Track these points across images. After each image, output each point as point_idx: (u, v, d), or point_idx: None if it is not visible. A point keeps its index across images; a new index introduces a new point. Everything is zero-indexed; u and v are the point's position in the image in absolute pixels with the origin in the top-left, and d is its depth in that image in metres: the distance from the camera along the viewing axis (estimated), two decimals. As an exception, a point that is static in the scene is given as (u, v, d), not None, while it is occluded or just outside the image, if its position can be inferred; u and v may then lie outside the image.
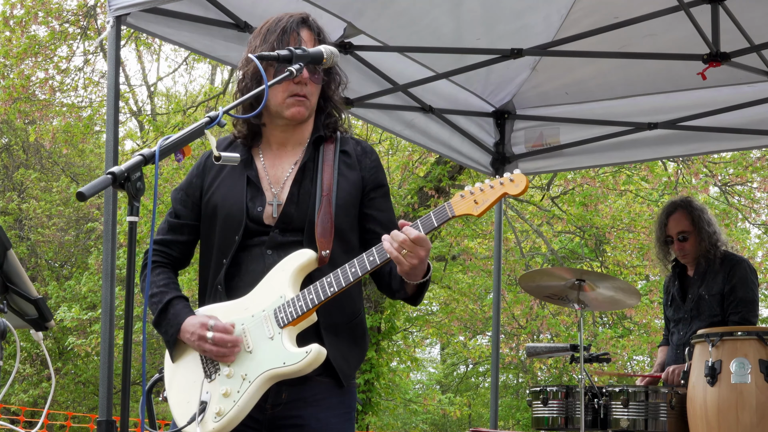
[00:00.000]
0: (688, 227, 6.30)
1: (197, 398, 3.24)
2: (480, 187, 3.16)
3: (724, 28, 5.77)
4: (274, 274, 3.25)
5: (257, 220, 3.31)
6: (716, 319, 6.13)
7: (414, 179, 15.54)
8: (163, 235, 3.48)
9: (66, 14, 14.62)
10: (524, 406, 24.29)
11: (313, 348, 3.14)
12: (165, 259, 3.46)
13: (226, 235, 3.33)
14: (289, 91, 3.28)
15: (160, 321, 3.33)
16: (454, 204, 3.16)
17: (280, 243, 3.28)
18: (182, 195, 3.48)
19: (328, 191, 3.30)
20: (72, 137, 15.59)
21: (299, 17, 3.34)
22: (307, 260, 3.23)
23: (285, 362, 3.15)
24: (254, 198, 3.33)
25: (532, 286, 6.55)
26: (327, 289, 3.17)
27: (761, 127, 7.12)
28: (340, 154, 3.39)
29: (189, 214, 3.46)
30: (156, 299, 3.34)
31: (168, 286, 3.38)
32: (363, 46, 6.47)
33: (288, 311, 3.18)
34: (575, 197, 16.42)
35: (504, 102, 7.74)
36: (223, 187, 3.38)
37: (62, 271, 23.64)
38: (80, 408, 22.60)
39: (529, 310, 17.09)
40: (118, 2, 5.20)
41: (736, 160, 15.53)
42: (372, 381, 15.42)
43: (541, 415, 6.07)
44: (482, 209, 3.14)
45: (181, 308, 3.31)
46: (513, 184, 3.13)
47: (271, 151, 3.41)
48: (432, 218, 3.14)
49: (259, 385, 3.17)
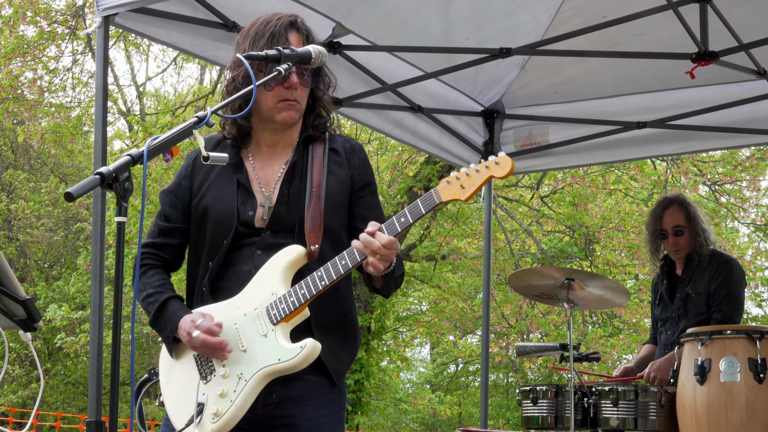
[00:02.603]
0: (683, 222, 6.31)
1: (194, 400, 3.23)
2: (465, 172, 3.13)
3: (713, 27, 5.78)
4: (265, 272, 3.24)
5: (248, 224, 3.31)
6: (703, 318, 6.14)
7: (403, 179, 15.55)
8: (153, 238, 3.46)
9: (54, 14, 14.59)
10: (514, 405, 24.30)
11: (307, 342, 3.14)
12: (157, 261, 3.45)
13: (215, 239, 3.32)
14: (280, 96, 3.28)
15: (156, 320, 3.33)
16: (440, 190, 3.14)
17: (271, 244, 3.28)
18: (171, 198, 3.46)
19: (317, 188, 3.30)
20: (61, 137, 15.55)
21: (287, 20, 3.32)
22: (296, 256, 3.23)
23: (280, 358, 3.14)
24: (245, 202, 3.32)
25: (522, 286, 6.55)
26: (318, 283, 3.17)
27: (750, 126, 7.13)
28: (329, 153, 3.40)
29: (179, 217, 3.44)
30: (152, 299, 3.34)
31: (163, 286, 3.37)
32: (352, 45, 6.46)
33: (280, 307, 3.18)
34: (565, 197, 16.44)
35: (493, 101, 7.74)
36: (212, 190, 3.37)
37: (51, 271, 23.59)
38: (70, 409, 22.55)
39: (519, 309, 17.10)
40: (106, 2, 5.18)
41: (726, 159, 15.56)
42: (362, 381, 15.43)
43: (531, 414, 6.07)
44: (469, 194, 3.11)
45: (177, 307, 3.31)
46: (498, 167, 3.10)
47: (261, 153, 3.40)
48: (419, 206, 3.12)
49: (256, 383, 3.17)
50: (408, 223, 3.14)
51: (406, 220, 3.13)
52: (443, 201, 3.14)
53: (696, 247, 6.29)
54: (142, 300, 3.38)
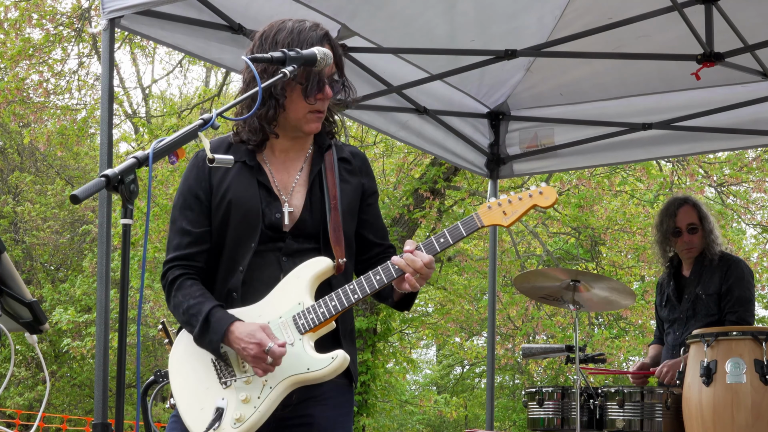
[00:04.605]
0: (696, 220, 6.31)
1: (212, 405, 3.22)
2: (508, 199, 3.22)
3: (718, 28, 5.78)
4: (289, 281, 3.25)
5: (275, 227, 3.29)
6: (713, 319, 6.14)
7: (409, 181, 15.53)
8: (182, 250, 3.32)
9: (60, 17, 14.60)
10: (520, 407, 24.30)
11: (338, 354, 3.17)
12: (191, 270, 3.32)
13: (239, 240, 3.30)
14: (311, 108, 3.26)
15: (203, 332, 3.21)
16: (482, 214, 3.22)
17: (296, 250, 3.28)
18: (194, 202, 3.33)
19: (334, 199, 3.31)
20: (67, 140, 15.55)
21: (321, 33, 3.27)
22: (324, 268, 3.25)
23: (309, 368, 3.17)
24: (270, 204, 3.30)
25: (528, 287, 6.55)
26: (351, 296, 3.20)
27: (755, 127, 7.13)
28: (339, 161, 3.41)
29: (205, 221, 3.33)
30: (194, 310, 3.23)
31: (204, 296, 3.26)
32: (357, 47, 6.47)
33: (309, 318, 3.20)
34: (570, 198, 16.42)
35: (498, 103, 7.75)
36: (234, 187, 3.32)
37: (57, 273, 23.61)
38: (76, 411, 22.58)
39: (525, 311, 17.09)
40: (111, 5, 5.19)
41: (732, 161, 15.54)
42: (368, 382, 15.41)
43: (537, 415, 6.07)
44: (511, 221, 3.21)
45: (222, 315, 3.22)
46: (542, 197, 3.20)
47: (275, 158, 3.38)
48: (460, 228, 3.20)
49: (281, 390, 3.18)
50: (447, 244, 3.20)
51: (446, 241, 3.20)
52: (485, 225, 3.21)
53: (706, 247, 6.28)
54: (183, 313, 3.26)
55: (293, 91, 3.22)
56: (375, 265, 3.27)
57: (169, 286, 3.32)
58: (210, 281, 3.35)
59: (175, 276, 3.30)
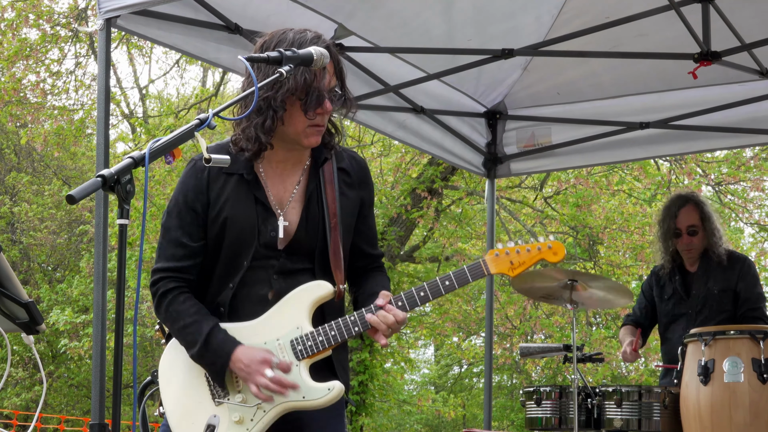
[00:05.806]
0: (697, 222, 6.30)
1: (203, 420, 3.22)
2: (516, 249, 3.27)
3: (715, 27, 5.78)
4: (288, 303, 3.24)
5: (269, 245, 3.27)
6: (726, 315, 6.16)
7: (407, 180, 15.52)
8: (176, 261, 3.29)
9: (57, 17, 14.59)
10: (518, 406, 24.28)
11: (335, 386, 3.19)
12: (183, 283, 3.30)
13: (233, 257, 3.28)
14: (311, 122, 3.22)
15: (203, 353, 3.20)
16: (489, 262, 3.28)
17: (289, 270, 3.28)
18: (191, 215, 3.29)
19: (334, 217, 3.29)
20: (64, 140, 15.55)
21: (323, 45, 3.19)
22: (324, 294, 3.26)
23: (305, 396, 3.18)
24: (266, 221, 3.28)
25: (525, 287, 6.54)
26: (351, 329, 3.23)
27: (752, 126, 7.14)
28: (339, 173, 3.38)
29: (202, 234, 3.31)
30: (192, 329, 3.22)
31: (200, 313, 3.25)
32: (354, 47, 6.46)
33: (308, 344, 3.20)
34: (568, 197, 16.42)
35: (495, 102, 7.75)
36: (231, 203, 3.28)
37: (54, 274, 23.59)
38: (74, 411, 22.55)
39: (523, 310, 17.09)
40: (107, 5, 5.18)
41: (729, 160, 15.54)
42: (366, 382, 15.41)
43: (535, 415, 6.06)
44: (518, 272, 3.28)
45: (223, 337, 3.21)
46: (551, 252, 3.28)
47: (272, 169, 3.34)
48: (467, 274, 3.24)
49: (274, 415, 3.19)
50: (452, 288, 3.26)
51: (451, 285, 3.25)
52: (492, 273, 3.27)
53: (710, 246, 6.28)
54: (178, 329, 3.26)
55: (293, 106, 3.18)
56: (360, 278, 3.37)
57: (161, 297, 3.30)
58: (200, 294, 3.33)
59: (168, 288, 3.28)
